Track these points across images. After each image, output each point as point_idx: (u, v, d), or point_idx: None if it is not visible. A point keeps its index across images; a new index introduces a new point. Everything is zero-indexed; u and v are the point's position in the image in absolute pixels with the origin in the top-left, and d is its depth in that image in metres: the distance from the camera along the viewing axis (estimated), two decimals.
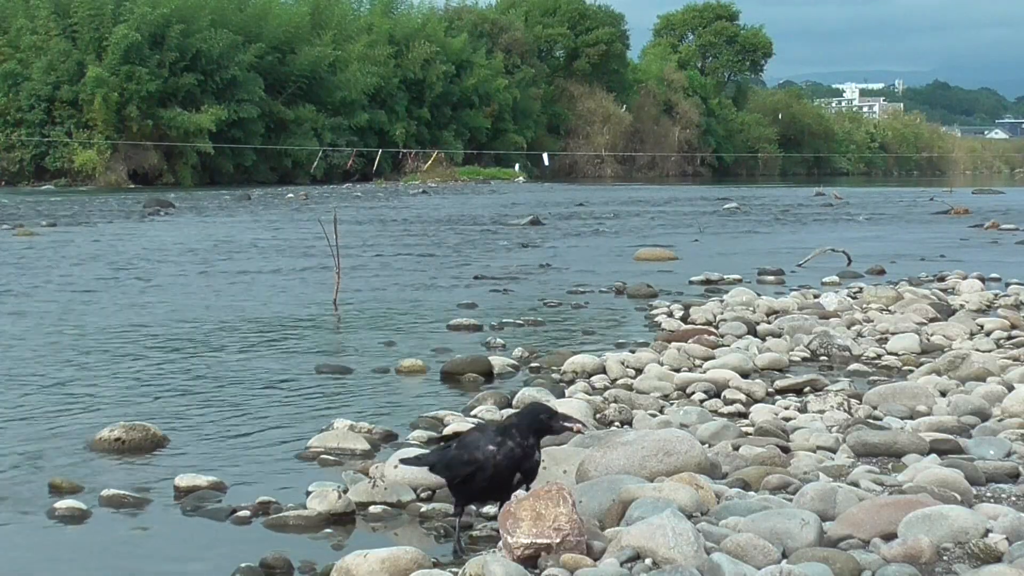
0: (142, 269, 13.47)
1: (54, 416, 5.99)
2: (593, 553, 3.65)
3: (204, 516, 4.39)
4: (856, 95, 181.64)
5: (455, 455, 3.94)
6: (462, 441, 4.00)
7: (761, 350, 7.55)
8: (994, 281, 11.89)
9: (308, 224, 20.93)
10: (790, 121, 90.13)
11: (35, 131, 45.89)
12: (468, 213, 26.21)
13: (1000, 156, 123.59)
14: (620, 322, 9.50)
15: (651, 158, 74.88)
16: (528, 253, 16.05)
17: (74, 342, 8.32)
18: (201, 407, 6.22)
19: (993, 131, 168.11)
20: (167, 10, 47.69)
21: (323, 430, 5.49)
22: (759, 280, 12.42)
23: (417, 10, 63.66)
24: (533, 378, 6.88)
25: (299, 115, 51.76)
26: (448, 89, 59.50)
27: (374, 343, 8.32)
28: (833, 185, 50.41)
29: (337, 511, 4.31)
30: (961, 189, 45.25)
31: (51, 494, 4.64)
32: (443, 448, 4.13)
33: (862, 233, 20.54)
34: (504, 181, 51.16)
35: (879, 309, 9.44)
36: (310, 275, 12.85)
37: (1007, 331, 8.27)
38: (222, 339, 8.47)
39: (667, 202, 32.73)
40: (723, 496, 4.25)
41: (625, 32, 75.50)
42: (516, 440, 3.91)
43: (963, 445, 5.01)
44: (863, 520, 3.84)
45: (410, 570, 3.59)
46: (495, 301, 10.72)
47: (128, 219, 23.27)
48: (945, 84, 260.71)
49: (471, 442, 3.94)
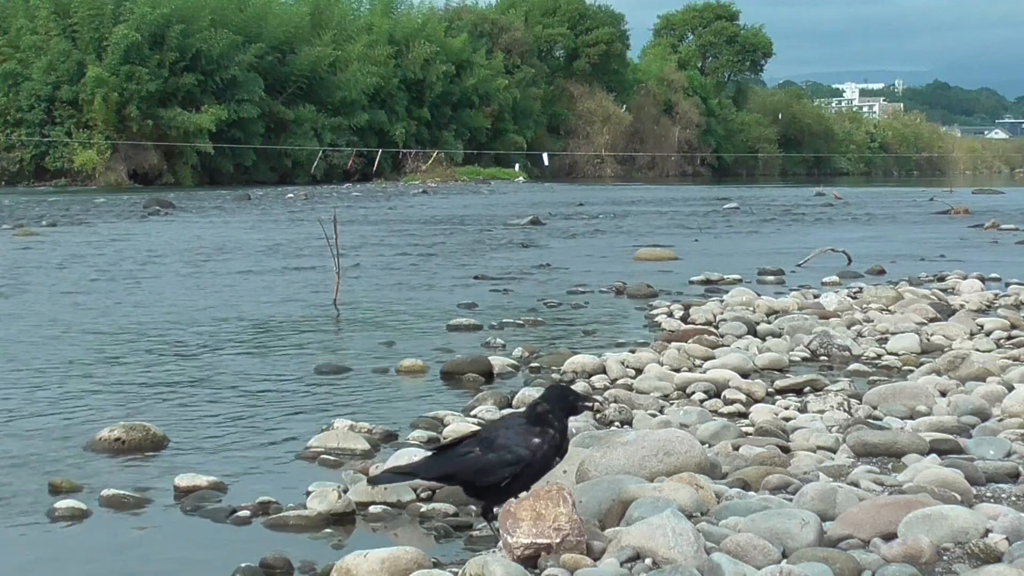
0: (142, 269, 13.47)
1: (54, 416, 5.99)
2: (593, 553, 3.65)
3: (204, 516, 4.39)
4: (856, 95, 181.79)
5: (492, 459, 3.82)
6: (489, 441, 3.88)
7: (761, 350, 7.55)
8: (994, 281, 11.88)
9: (308, 224, 20.94)
10: (790, 121, 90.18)
11: (35, 131, 45.92)
12: (468, 213, 26.21)
13: (1000, 156, 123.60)
14: (620, 322, 9.50)
15: (651, 158, 74.90)
16: (528, 253, 16.05)
17: (74, 342, 8.32)
18: (201, 407, 6.22)
19: (993, 131, 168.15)
20: (167, 10, 47.73)
21: (323, 430, 5.49)
22: (759, 280, 12.41)
23: (417, 10, 63.75)
24: (533, 378, 6.88)
25: (299, 115, 51.79)
26: (448, 89, 59.53)
27: (374, 343, 8.32)
28: (833, 185, 50.43)
29: (337, 511, 4.31)
30: (961, 189, 45.24)
31: (51, 494, 4.64)
32: (435, 456, 4.00)
33: (862, 233, 20.54)
34: (504, 181, 51.17)
35: (879, 309, 9.44)
36: (310, 275, 12.85)
37: (1007, 331, 8.26)
38: (222, 339, 8.47)
39: (667, 202, 32.73)
40: (723, 496, 4.25)
41: (625, 32, 75.56)
42: (555, 425, 3.89)
43: (963, 445, 5.01)
44: (863, 520, 3.84)
45: (410, 570, 3.59)
46: (495, 301, 10.72)
47: (128, 219, 23.27)
48: (945, 84, 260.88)
49: (505, 440, 3.85)
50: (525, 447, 3.85)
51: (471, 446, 3.93)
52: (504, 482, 3.83)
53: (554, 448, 3.88)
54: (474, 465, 3.86)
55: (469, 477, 3.88)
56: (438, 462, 3.98)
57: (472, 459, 3.88)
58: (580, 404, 4.03)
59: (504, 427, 3.98)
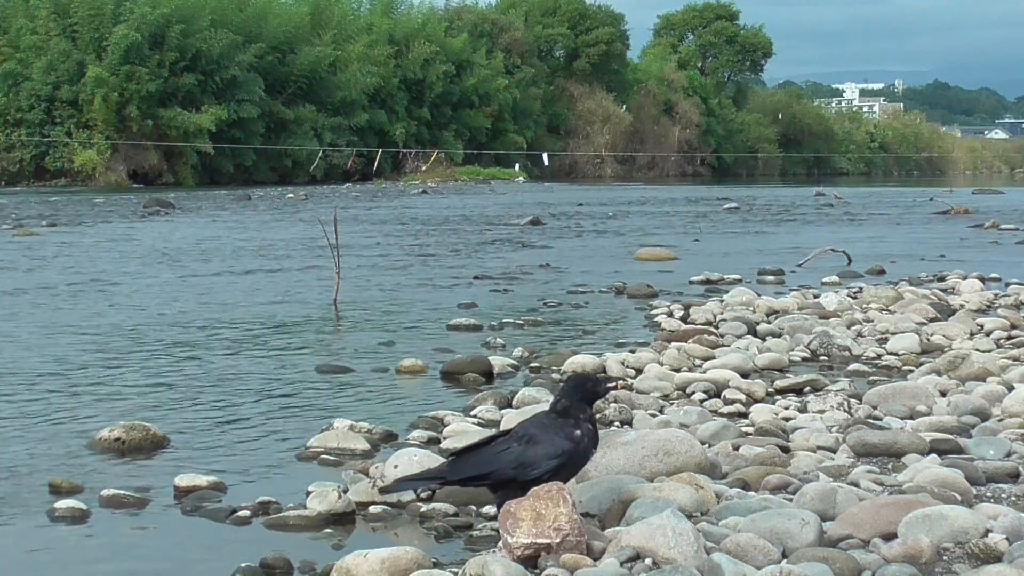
0: (142, 269, 13.47)
1: (54, 416, 5.99)
2: (593, 553, 3.65)
3: (204, 516, 4.39)
4: (856, 95, 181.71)
5: (537, 452, 3.86)
6: (529, 437, 3.91)
7: (761, 350, 7.55)
8: (994, 281, 11.89)
9: (308, 224, 20.94)
10: (790, 121, 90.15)
11: (35, 131, 45.91)
12: (468, 213, 26.21)
13: (1000, 156, 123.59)
14: (620, 322, 9.50)
15: (651, 158, 74.88)
16: (528, 253, 16.05)
17: (74, 342, 8.32)
18: (201, 407, 6.22)
19: (993, 131, 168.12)
20: (167, 10, 47.70)
21: (323, 430, 5.49)
22: (759, 280, 12.42)
23: (417, 10, 63.71)
24: (533, 378, 6.88)
25: (299, 115, 51.78)
26: (448, 89, 59.51)
27: (374, 343, 8.32)
28: (833, 185, 50.40)
29: (337, 511, 4.31)
30: (961, 189, 45.23)
31: (51, 494, 4.64)
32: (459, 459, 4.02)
33: (862, 233, 20.54)
34: (504, 181, 51.15)
35: (879, 309, 9.44)
36: (310, 275, 12.84)
37: (1007, 331, 8.27)
38: (222, 339, 8.47)
39: (667, 202, 32.73)
40: (723, 496, 4.25)
41: (625, 32, 75.52)
42: (581, 417, 3.93)
43: (963, 445, 5.01)
44: (863, 520, 3.84)
45: (410, 570, 3.59)
46: (495, 301, 10.73)
47: (128, 219, 23.27)
48: (945, 84, 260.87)
49: (546, 435, 3.88)
50: (568, 439, 3.90)
51: (506, 444, 3.97)
52: (547, 475, 3.86)
53: (592, 439, 3.96)
54: (516, 460, 3.89)
55: (509, 474, 3.90)
56: (467, 464, 4.00)
57: (513, 455, 3.91)
58: (602, 387, 4.08)
59: (538, 424, 4.01)
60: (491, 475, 3.94)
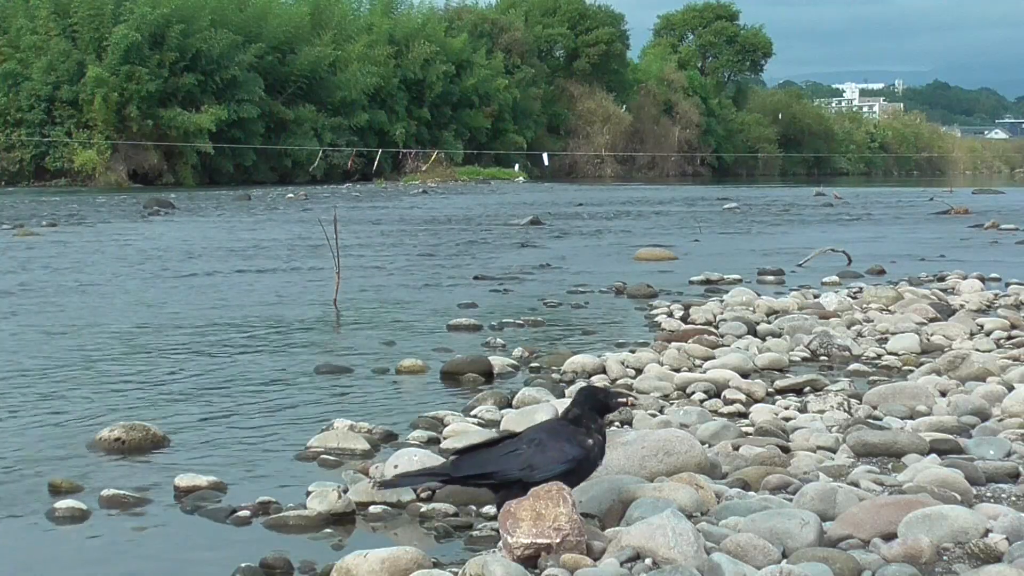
0: (142, 269, 13.47)
1: (54, 416, 5.99)
2: (593, 553, 3.65)
3: (204, 516, 4.39)
4: (856, 95, 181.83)
5: (548, 455, 3.87)
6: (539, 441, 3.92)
7: (761, 350, 7.55)
8: (994, 281, 11.89)
9: (308, 224, 20.94)
10: (790, 121, 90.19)
11: (35, 131, 45.93)
12: (468, 213, 26.21)
13: (1000, 156, 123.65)
14: (620, 322, 9.50)
15: (651, 158, 74.90)
16: (528, 253, 16.05)
17: (74, 342, 8.31)
18: (201, 407, 6.22)
19: (993, 131, 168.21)
20: (167, 10, 47.73)
21: (323, 430, 5.48)
22: (759, 280, 12.42)
23: (417, 10, 63.78)
24: (533, 378, 6.88)
25: (299, 115, 51.80)
26: (448, 89, 59.54)
27: (374, 343, 8.32)
28: (833, 185, 50.42)
29: (337, 511, 4.30)
30: (961, 189, 45.24)
31: (51, 494, 4.63)
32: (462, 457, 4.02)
33: (862, 233, 20.54)
34: (504, 181, 51.17)
35: (879, 309, 9.44)
36: (310, 275, 12.85)
37: (1007, 331, 8.27)
38: (222, 339, 8.47)
39: (667, 202, 32.73)
40: (723, 496, 4.25)
41: (625, 32, 75.58)
42: (592, 427, 3.95)
43: (963, 445, 5.01)
44: (863, 520, 3.84)
45: (410, 570, 3.59)
46: (495, 301, 10.72)
47: (128, 219, 23.27)
48: (945, 84, 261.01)
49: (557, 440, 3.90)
50: (579, 447, 3.91)
51: (515, 445, 3.97)
52: (554, 480, 3.84)
53: (601, 450, 3.98)
54: (525, 463, 3.89)
55: (515, 475, 3.89)
56: (472, 462, 4.00)
57: (522, 457, 3.92)
58: (613, 402, 4.11)
59: (549, 430, 4.03)
60: (496, 475, 3.94)
